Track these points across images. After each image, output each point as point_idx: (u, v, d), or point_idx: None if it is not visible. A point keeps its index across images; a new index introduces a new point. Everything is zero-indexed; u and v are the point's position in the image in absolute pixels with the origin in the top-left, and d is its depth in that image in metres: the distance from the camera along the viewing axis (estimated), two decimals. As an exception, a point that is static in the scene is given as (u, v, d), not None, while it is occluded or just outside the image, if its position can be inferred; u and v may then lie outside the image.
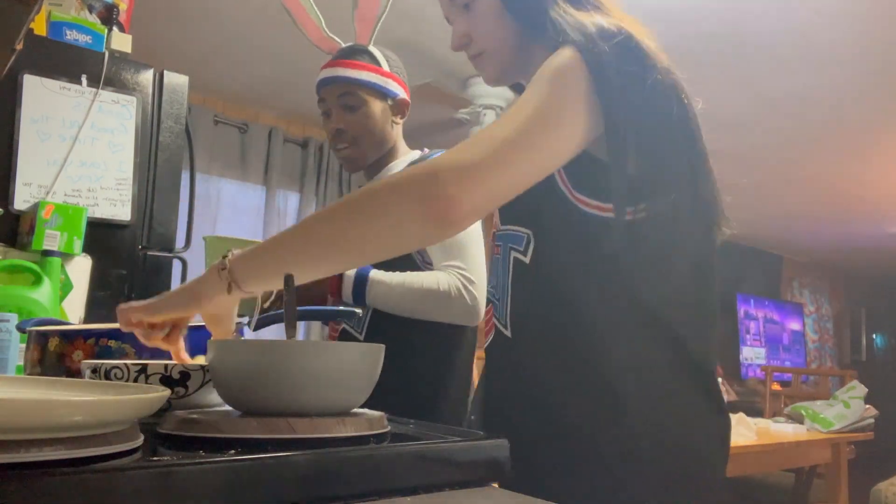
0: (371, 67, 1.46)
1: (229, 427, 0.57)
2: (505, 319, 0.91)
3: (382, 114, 1.47)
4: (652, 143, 0.79)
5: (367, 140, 1.46)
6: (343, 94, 1.45)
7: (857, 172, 5.09)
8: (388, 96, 1.47)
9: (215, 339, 0.76)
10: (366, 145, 1.47)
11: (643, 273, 0.81)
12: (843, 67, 3.41)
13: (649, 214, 0.79)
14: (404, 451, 0.58)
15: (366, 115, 1.45)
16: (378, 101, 1.46)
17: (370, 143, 1.47)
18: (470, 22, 0.95)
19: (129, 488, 0.43)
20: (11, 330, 1.07)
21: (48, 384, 0.62)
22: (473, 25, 0.95)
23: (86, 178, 1.82)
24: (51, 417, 0.43)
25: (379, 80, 1.46)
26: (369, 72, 1.46)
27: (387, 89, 1.46)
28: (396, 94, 1.48)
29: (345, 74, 1.45)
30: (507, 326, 0.91)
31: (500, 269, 0.93)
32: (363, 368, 0.65)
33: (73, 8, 1.93)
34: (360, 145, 1.46)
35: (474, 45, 0.96)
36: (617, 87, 0.77)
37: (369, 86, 1.45)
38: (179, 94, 2.05)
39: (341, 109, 1.46)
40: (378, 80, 1.46)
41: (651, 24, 0.86)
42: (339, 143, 1.47)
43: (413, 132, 4.36)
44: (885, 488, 2.72)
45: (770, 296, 7.62)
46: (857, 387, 2.98)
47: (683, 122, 0.83)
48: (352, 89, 1.44)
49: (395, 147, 1.52)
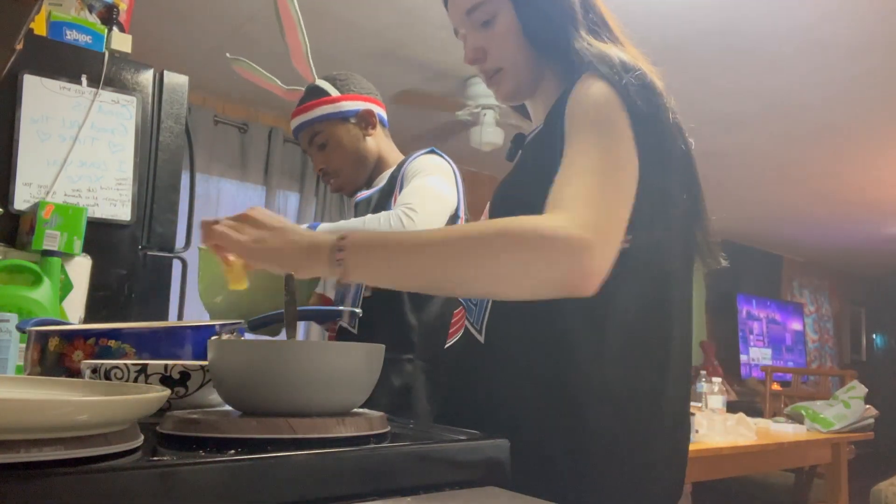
0: (321, 101, 1.52)
1: (229, 427, 0.57)
2: (480, 325, 0.92)
3: (350, 136, 1.52)
4: (659, 177, 0.81)
5: (348, 169, 1.53)
6: (312, 137, 1.53)
7: (858, 172, 5.09)
8: (348, 117, 1.52)
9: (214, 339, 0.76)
10: (348, 173, 1.53)
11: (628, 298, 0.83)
12: (844, 67, 3.41)
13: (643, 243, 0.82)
14: (404, 451, 0.58)
15: (336, 147, 1.51)
16: (340, 126, 1.51)
17: (352, 169, 1.53)
18: (487, 39, 0.96)
19: (129, 488, 0.43)
20: (11, 330, 1.07)
21: (48, 384, 0.62)
22: (492, 43, 0.96)
23: (86, 178, 1.82)
24: (51, 417, 0.43)
25: (332, 108, 1.52)
26: (321, 105, 1.52)
27: (342, 112, 1.51)
28: (357, 110, 1.52)
29: (303, 120, 1.53)
30: (482, 332, 0.92)
31: None
32: (363, 368, 0.65)
33: (73, 8, 1.92)
34: (343, 175, 1.54)
35: (491, 62, 0.97)
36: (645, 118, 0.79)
37: (326, 118, 1.51)
38: (179, 94, 2.05)
39: (316, 150, 1.54)
40: (331, 108, 1.51)
41: (652, 23, 0.87)
42: (327, 179, 1.56)
43: (414, 136, 4.37)
44: (885, 488, 2.71)
45: (770, 296, 7.62)
46: (857, 387, 2.98)
47: (686, 160, 0.86)
48: (315, 128, 1.52)
49: (381, 158, 1.55)
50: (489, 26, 0.95)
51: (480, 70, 0.99)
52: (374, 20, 3.09)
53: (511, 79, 0.97)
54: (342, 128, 1.52)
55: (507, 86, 0.97)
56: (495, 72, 0.97)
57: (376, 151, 1.54)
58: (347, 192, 1.58)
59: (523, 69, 0.95)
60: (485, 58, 0.97)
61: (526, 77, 0.96)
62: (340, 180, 1.55)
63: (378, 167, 1.55)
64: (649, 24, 2.96)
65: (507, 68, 0.96)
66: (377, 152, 1.54)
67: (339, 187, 1.56)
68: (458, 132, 4.29)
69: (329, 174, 1.55)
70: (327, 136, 1.51)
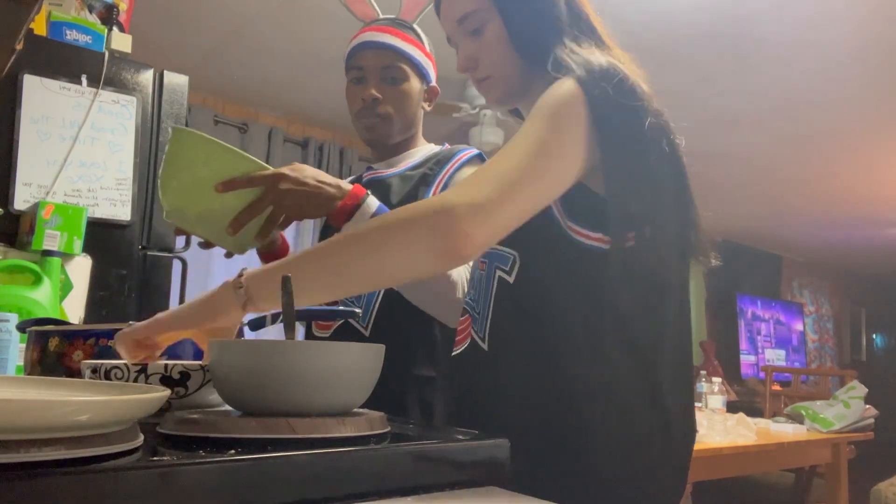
0: (419, 44, 1.36)
1: (229, 427, 0.57)
2: (483, 333, 0.94)
3: (417, 95, 1.37)
4: (645, 177, 0.83)
5: (399, 118, 1.35)
6: (388, 66, 1.33)
7: (858, 172, 5.09)
8: (427, 80, 1.40)
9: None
10: (396, 123, 1.35)
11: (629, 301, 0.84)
12: (844, 68, 3.41)
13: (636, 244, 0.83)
14: (404, 451, 0.58)
15: (406, 92, 1.34)
16: (417, 82, 1.37)
17: (401, 122, 1.36)
18: (478, 47, 0.98)
19: (129, 488, 0.43)
20: (11, 330, 1.07)
21: (48, 384, 0.62)
22: (481, 51, 0.98)
23: (86, 178, 1.82)
24: (51, 417, 0.43)
25: (424, 60, 1.37)
26: (417, 48, 1.36)
27: (428, 72, 1.39)
28: (432, 80, 1.41)
29: (395, 44, 1.33)
30: (485, 340, 0.93)
31: (483, 284, 0.96)
32: (363, 368, 0.65)
33: (73, 8, 1.93)
34: (391, 121, 1.35)
35: (481, 70, 0.99)
36: (615, 122, 0.81)
37: (415, 63, 1.35)
38: (179, 94, 2.05)
39: (381, 79, 1.33)
40: (423, 60, 1.37)
41: (652, 24, 0.87)
42: (369, 113, 1.34)
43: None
44: (885, 488, 2.72)
45: (770, 296, 7.62)
46: (857, 387, 2.99)
47: (673, 158, 0.87)
48: (398, 61, 1.33)
49: (417, 134, 1.43)
50: (479, 35, 0.98)
51: (472, 78, 1.02)
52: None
53: (499, 86, 0.99)
54: (418, 84, 1.37)
55: (495, 92, 1.00)
56: (484, 79, 1.00)
57: (418, 126, 1.42)
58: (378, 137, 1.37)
59: (512, 76, 0.98)
60: (476, 66, 1.00)
61: (514, 83, 0.99)
62: (385, 125, 1.35)
63: (408, 141, 1.42)
64: (649, 25, 2.96)
65: (495, 76, 0.99)
66: (418, 127, 1.42)
67: (376, 128, 1.35)
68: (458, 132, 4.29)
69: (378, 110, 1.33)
70: (405, 76, 1.34)
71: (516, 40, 0.96)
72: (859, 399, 2.91)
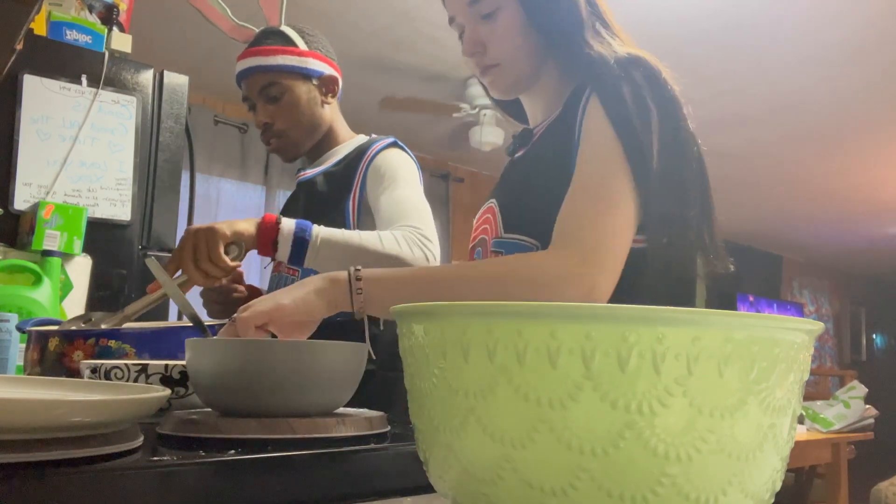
0: (286, 50, 1.35)
1: (229, 427, 0.57)
2: None
3: (309, 97, 1.36)
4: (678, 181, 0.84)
5: (296, 132, 1.37)
6: (264, 86, 1.34)
7: (858, 172, 5.09)
8: (312, 76, 1.36)
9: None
10: (295, 136, 1.37)
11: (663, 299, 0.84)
12: (845, 68, 3.41)
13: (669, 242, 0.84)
14: (404, 451, 0.58)
15: (291, 104, 1.35)
16: (301, 84, 1.35)
17: (300, 132, 1.37)
18: (489, 32, 0.94)
19: (129, 488, 0.43)
20: (11, 330, 1.07)
21: (48, 384, 0.62)
22: (492, 37, 0.94)
23: (86, 178, 1.82)
24: (51, 417, 0.43)
25: (297, 61, 1.35)
26: (285, 55, 1.35)
27: (307, 69, 1.35)
28: (321, 73, 1.37)
29: (260, 63, 1.35)
30: None
31: None
32: (347, 368, 0.65)
33: (73, 8, 1.92)
34: (290, 137, 1.37)
35: (490, 56, 0.95)
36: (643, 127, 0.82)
37: (287, 70, 1.34)
38: (179, 94, 2.05)
39: (265, 102, 1.35)
40: (296, 61, 1.35)
41: (654, 25, 0.87)
42: (269, 136, 1.37)
43: (415, 135, 4.37)
44: (885, 488, 2.71)
45: (770, 296, 7.62)
46: (857, 387, 2.98)
47: (700, 162, 0.88)
48: (271, 78, 1.34)
49: (333, 130, 1.42)
50: (491, 19, 0.93)
51: (476, 64, 0.97)
52: (371, 21, 3.08)
53: (508, 74, 0.95)
54: (303, 86, 1.35)
55: (504, 80, 0.96)
56: (492, 66, 0.96)
57: (329, 122, 1.40)
58: (286, 156, 1.40)
59: (523, 64, 0.94)
60: (484, 51, 0.95)
61: (524, 73, 0.95)
62: (283, 142, 1.37)
63: (326, 140, 1.41)
64: (650, 24, 2.96)
65: (504, 64, 0.95)
66: (329, 123, 1.40)
67: (278, 149, 1.38)
68: (459, 132, 4.29)
69: (272, 133, 1.36)
70: (284, 89, 1.34)
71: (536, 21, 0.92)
72: (859, 399, 2.91)
